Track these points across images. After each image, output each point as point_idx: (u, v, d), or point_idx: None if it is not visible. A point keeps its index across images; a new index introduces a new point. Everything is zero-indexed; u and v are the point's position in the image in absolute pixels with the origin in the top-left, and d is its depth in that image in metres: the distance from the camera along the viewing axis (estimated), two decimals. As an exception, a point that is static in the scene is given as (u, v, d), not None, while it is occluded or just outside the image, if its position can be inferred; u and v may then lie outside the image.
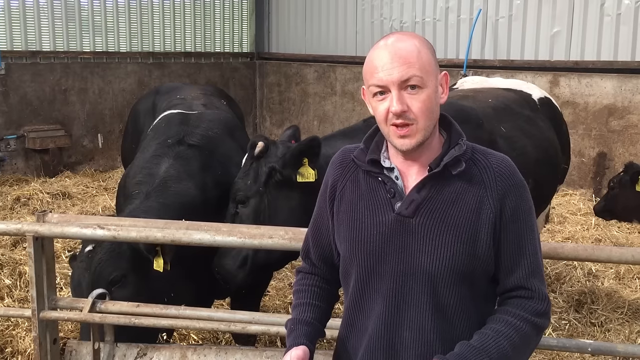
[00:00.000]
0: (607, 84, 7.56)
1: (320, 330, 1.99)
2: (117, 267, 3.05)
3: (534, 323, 1.78)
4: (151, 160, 3.78)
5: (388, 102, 1.75)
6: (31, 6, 9.03)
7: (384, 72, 1.74)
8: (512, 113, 4.24)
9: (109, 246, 3.05)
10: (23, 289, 4.87)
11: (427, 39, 1.87)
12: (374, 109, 1.81)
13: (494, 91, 4.63)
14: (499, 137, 3.86)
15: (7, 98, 8.85)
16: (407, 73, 1.73)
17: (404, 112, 1.73)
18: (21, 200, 7.42)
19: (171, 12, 10.50)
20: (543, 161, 4.15)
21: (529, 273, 1.81)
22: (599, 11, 7.57)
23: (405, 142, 1.76)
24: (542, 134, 4.30)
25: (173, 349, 2.96)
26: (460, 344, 1.74)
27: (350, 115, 10.14)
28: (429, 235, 1.77)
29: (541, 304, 1.80)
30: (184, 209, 3.42)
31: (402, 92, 1.74)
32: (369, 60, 1.80)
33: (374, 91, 1.78)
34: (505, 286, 1.83)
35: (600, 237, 6.35)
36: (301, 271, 2.09)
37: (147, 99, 5.54)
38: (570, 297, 5.04)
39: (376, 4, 9.83)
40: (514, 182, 1.81)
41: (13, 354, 4.00)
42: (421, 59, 1.75)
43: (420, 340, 1.78)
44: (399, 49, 1.75)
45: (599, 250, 2.59)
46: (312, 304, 2.00)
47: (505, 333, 1.74)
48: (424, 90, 1.75)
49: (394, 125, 1.75)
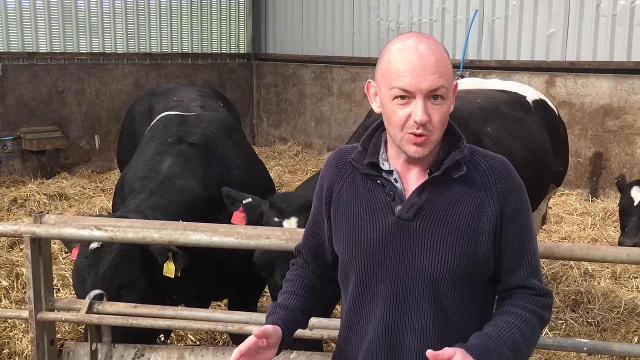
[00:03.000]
0: (603, 84, 7.58)
1: (301, 321, 1.96)
2: (129, 271, 3.05)
3: (541, 315, 1.81)
4: (153, 158, 3.79)
5: (410, 108, 1.70)
6: (28, 7, 9.01)
7: (413, 78, 1.68)
8: (500, 114, 4.22)
9: (119, 248, 3.03)
10: (20, 291, 4.87)
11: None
12: (391, 112, 1.74)
13: (485, 92, 4.62)
14: (484, 137, 3.85)
15: (4, 99, 8.84)
16: (437, 83, 1.68)
17: (426, 123, 1.70)
18: (18, 201, 7.42)
19: (168, 13, 10.49)
20: (531, 163, 4.12)
21: (530, 273, 1.83)
22: (595, 12, 7.59)
23: (418, 150, 1.73)
24: (530, 135, 4.29)
25: (170, 350, 2.97)
26: (476, 335, 1.74)
27: (347, 115, 10.15)
28: (430, 238, 1.76)
29: (545, 297, 1.83)
30: (189, 206, 3.43)
31: (426, 101, 1.69)
32: (392, 61, 1.72)
33: (396, 94, 1.71)
34: (507, 285, 1.85)
35: (597, 237, 6.37)
36: (294, 264, 2.09)
37: (143, 101, 5.54)
38: (567, 296, 5.06)
39: (373, 5, 9.84)
40: (513, 183, 1.82)
41: (10, 355, 4.00)
42: (447, 69, 1.72)
43: (421, 343, 1.78)
44: (429, 55, 1.69)
45: (595, 249, 2.60)
46: (298, 293, 1.98)
47: (517, 324, 1.75)
48: (446, 102, 1.72)
49: (411, 134, 1.71)
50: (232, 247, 2.72)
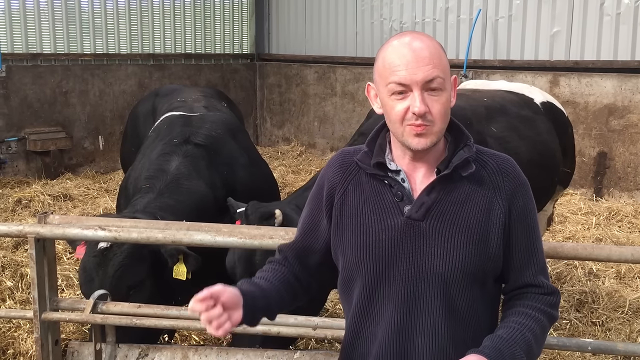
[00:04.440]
0: (607, 84, 7.56)
1: (267, 305, 1.86)
2: (138, 272, 3.06)
3: (550, 314, 1.81)
4: (160, 158, 3.81)
5: (408, 101, 1.70)
6: (32, 8, 9.03)
7: (408, 71, 1.69)
8: (507, 113, 4.18)
9: (129, 249, 3.03)
10: (25, 291, 4.88)
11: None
12: (389, 108, 1.74)
13: (493, 92, 4.60)
14: (488, 137, 3.81)
15: (8, 100, 8.85)
16: (432, 74, 1.69)
17: (425, 113, 1.69)
18: (22, 202, 7.43)
19: (171, 14, 10.50)
20: (537, 163, 4.06)
21: (537, 271, 1.83)
22: (599, 11, 7.57)
23: (421, 141, 1.72)
24: (538, 135, 4.24)
25: (174, 350, 2.97)
26: (489, 337, 1.73)
27: (350, 116, 10.15)
28: (440, 237, 1.75)
29: (553, 296, 1.83)
30: (196, 207, 3.45)
31: (424, 92, 1.70)
32: (387, 58, 1.74)
33: (393, 89, 1.71)
34: (515, 284, 1.84)
35: (601, 237, 6.35)
36: (272, 261, 2.02)
37: (146, 102, 5.55)
38: (571, 296, 5.04)
39: (376, 5, 9.84)
40: (520, 181, 1.82)
41: (15, 355, 4.00)
42: (442, 60, 1.72)
43: (433, 345, 1.77)
44: (422, 49, 1.71)
45: (599, 249, 2.59)
46: (271, 281, 1.91)
47: (528, 324, 1.75)
48: (444, 92, 1.72)
49: (412, 125, 1.71)
50: (236, 247, 2.72)
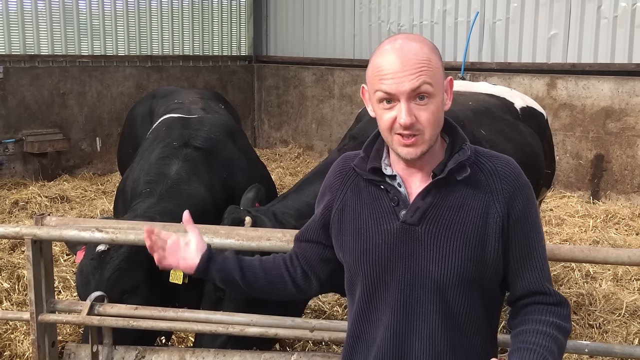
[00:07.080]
0: (604, 86, 7.58)
1: (238, 269, 2.04)
2: (134, 277, 3.05)
3: (564, 328, 1.76)
4: (160, 161, 3.80)
5: (395, 111, 1.68)
6: (29, 10, 9.03)
7: (394, 80, 1.66)
8: (493, 116, 4.18)
9: (126, 253, 3.03)
10: (21, 293, 4.87)
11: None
12: (378, 116, 1.74)
13: (475, 95, 4.60)
14: (481, 140, 3.84)
15: (6, 102, 8.85)
16: (418, 82, 1.65)
17: (412, 124, 1.67)
18: (19, 204, 7.43)
19: (169, 16, 10.50)
20: (524, 165, 4.08)
21: (543, 277, 1.78)
22: (596, 14, 7.59)
23: (410, 151, 1.71)
24: (524, 138, 4.25)
25: (171, 352, 2.96)
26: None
27: (348, 118, 10.14)
28: (435, 242, 1.74)
29: (562, 307, 1.78)
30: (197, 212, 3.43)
31: (410, 103, 1.67)
32: (376, 64, 1.71)
33: (380, 97, 1.70)
34: (521, 291, 1.80)
35: (598, 239, 6.35)
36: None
37: (143, 103, 5.54)
38: (568, 299, 5.03)
39: (374, 7, 9.86)
40: (520, 184, 1.79)
41: (12, 357, 3.99)
42: (432, 67, 1.68)
43: (430, 350, 1.76)
44: (410, 57, 1.67)
45: (596, 251, 2.59)
46: (260, 260, 2.10)
47: (547, 346, 1.70)
48: (433, 100, 1.69)
49: (399, 135, 1.70)
50: (234, 249, 2.71)
